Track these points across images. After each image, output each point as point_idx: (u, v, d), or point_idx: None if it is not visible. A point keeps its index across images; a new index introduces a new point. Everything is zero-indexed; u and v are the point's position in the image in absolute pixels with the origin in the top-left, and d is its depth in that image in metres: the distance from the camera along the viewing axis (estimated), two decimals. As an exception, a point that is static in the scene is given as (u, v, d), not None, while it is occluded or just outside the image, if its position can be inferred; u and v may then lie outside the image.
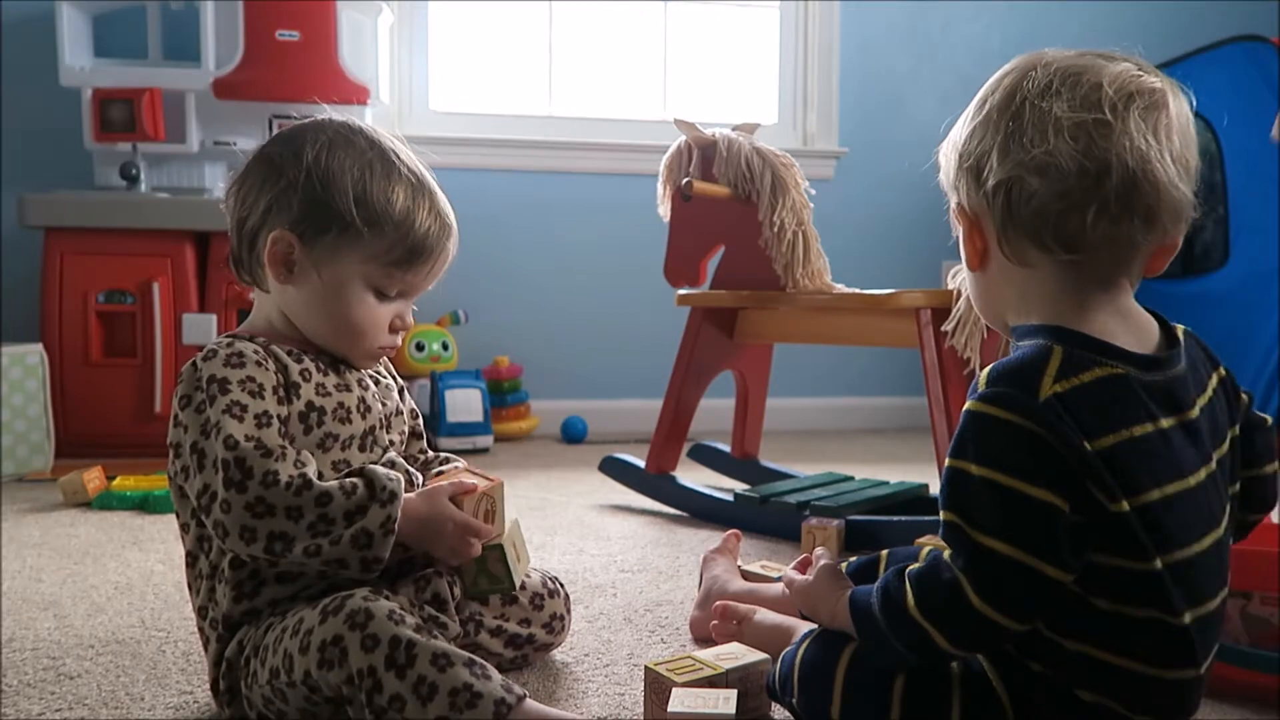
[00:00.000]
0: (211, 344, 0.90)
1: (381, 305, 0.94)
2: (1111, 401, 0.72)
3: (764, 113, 3.10)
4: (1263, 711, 0.94)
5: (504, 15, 3.00)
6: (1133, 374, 0.73)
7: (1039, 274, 0.77)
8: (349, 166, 0.90)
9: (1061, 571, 0.69)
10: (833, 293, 1.78)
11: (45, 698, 0.96)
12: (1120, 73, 0.74)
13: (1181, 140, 0.74)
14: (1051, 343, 0.73)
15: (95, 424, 2.31)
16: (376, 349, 0.96)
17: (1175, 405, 0.74)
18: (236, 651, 0.88)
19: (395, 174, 0.92)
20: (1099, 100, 0.72)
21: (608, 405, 2.98)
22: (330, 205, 0.89)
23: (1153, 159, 0.72)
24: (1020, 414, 0.70)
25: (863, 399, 3.16)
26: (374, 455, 0.95)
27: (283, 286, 0.93)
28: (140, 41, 2.62)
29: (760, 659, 0.94)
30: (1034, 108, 0.74)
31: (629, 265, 2.94)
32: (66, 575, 1.40)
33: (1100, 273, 0.76)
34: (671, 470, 1.94)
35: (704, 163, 1.88)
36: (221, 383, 0.85)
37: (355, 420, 0.93)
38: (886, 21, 3.15)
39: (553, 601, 1.05)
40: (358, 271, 0.91)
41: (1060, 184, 0.72)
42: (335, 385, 0.94)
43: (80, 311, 2.32)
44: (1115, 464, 0.70)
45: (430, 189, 0.95)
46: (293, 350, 0.92)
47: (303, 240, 0.90)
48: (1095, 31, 3.24)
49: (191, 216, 2.38)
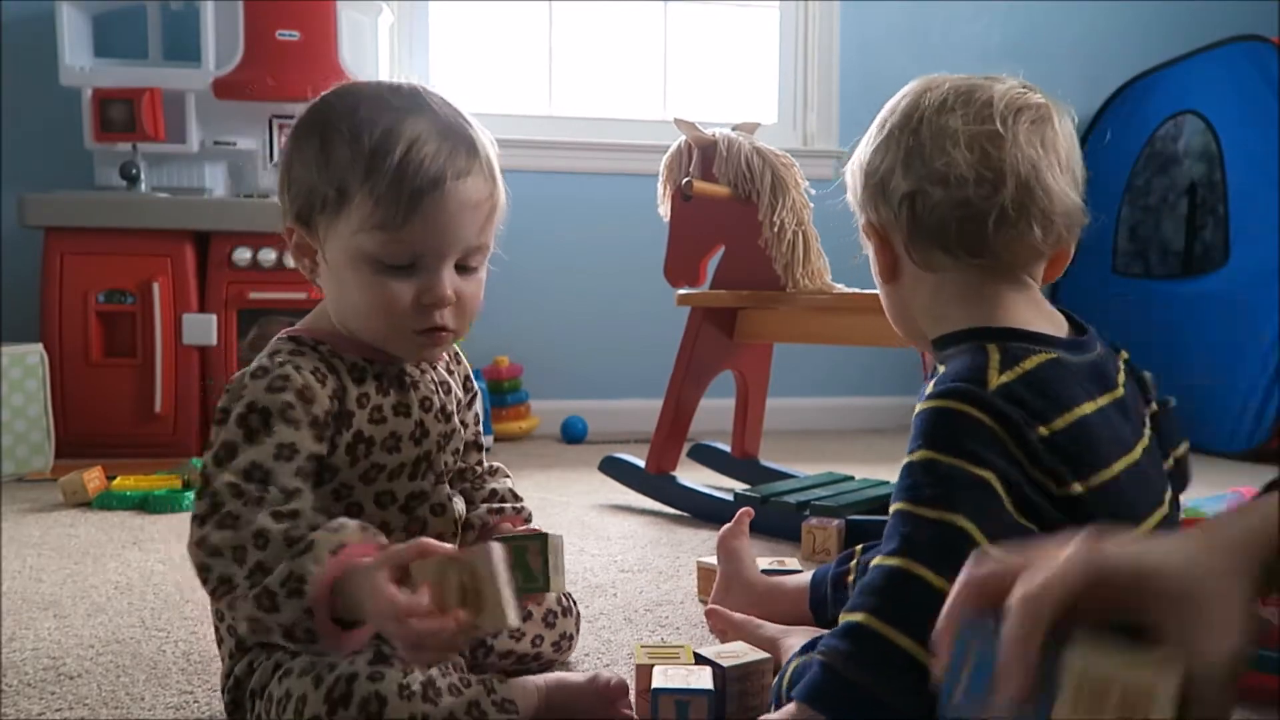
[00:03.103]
0: (266, 355, 0.82)
1: (396, 280, 0.80)
2: (1055, 384, 0.74)
3: (764, 113, 3.10)
4: (1263, 711, 0.94)
5: (504, 15, 3.00)
6: (1064, 357, 0.77)
7: (949, 278, 0.82)
8: (316, 131, 0.81)
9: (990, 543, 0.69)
10: (833, 293, 1.78)
11: (45, 698, 0.96)
12: (1008, 90, 0.80)
13: (1067, 152, 0.80)
14: (983, 342, 0.77)
15: (95, 424, 2.31)
16: (411, 335, 0.83)
17: (1105, 384, 0.78)
18: (246, 671, 0.83)
19: (367, 119, 0.79)
20: (990, 115, 0.78)
21: (608, 405, 2.98)
22: (306, 179, 0.81)
23: (1043, 167, 0.78)
24: (969, 403, 0.72)
25: (863, 399, 3.16)
26: (425, 483, 0.88)
27: (319, 282, 0.85)
28: (140, 41, 2.62)
29: (762, 658, 0.94)
30: (931, 123, 0.80)
31: (629, 265, 2.94)
32: (66, 575, 1.40)
33: (1006, 272, 0.80)
34: (671, 470, 1.94)
35: (704, 163, 1.88)
36: (263, 413, 0.77)
37: (405, 448, 0.85)
38: (886, 21, 3.15)
39: (565, 620, 1.01)
40: (352, 245, 0.79)
41: (960, 192, 0.78)
42: (393, 407, 0.85)
43: (80, 311, 2.32)
44: (1068, 446, 0.72)
45: (424, 114, 0.80)
46: (356, 364, 0.84)
47: (306, 226, 0.83)
48: (1095, 31, 3.24)
49: (191, 216, 2.38)
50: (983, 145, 0.78)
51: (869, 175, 0.85)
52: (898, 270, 0.85)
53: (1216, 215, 2.72)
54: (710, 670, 0.89)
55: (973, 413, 0.72)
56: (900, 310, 0.88)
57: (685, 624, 1.21)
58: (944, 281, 0.82)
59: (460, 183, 0.80)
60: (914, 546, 0.70)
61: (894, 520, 0.73)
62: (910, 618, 0.67)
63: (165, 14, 2.63)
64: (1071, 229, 0.80)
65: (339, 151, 0.79)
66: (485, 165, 0.83)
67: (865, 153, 0.86)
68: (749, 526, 1.22)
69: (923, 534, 0.70)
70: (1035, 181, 0.77)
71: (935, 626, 0.58)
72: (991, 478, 0.70)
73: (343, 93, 0.84)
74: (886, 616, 0.69)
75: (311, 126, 0.82)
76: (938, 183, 0.78)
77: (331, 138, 0.80)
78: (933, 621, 0.58)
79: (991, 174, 0.77)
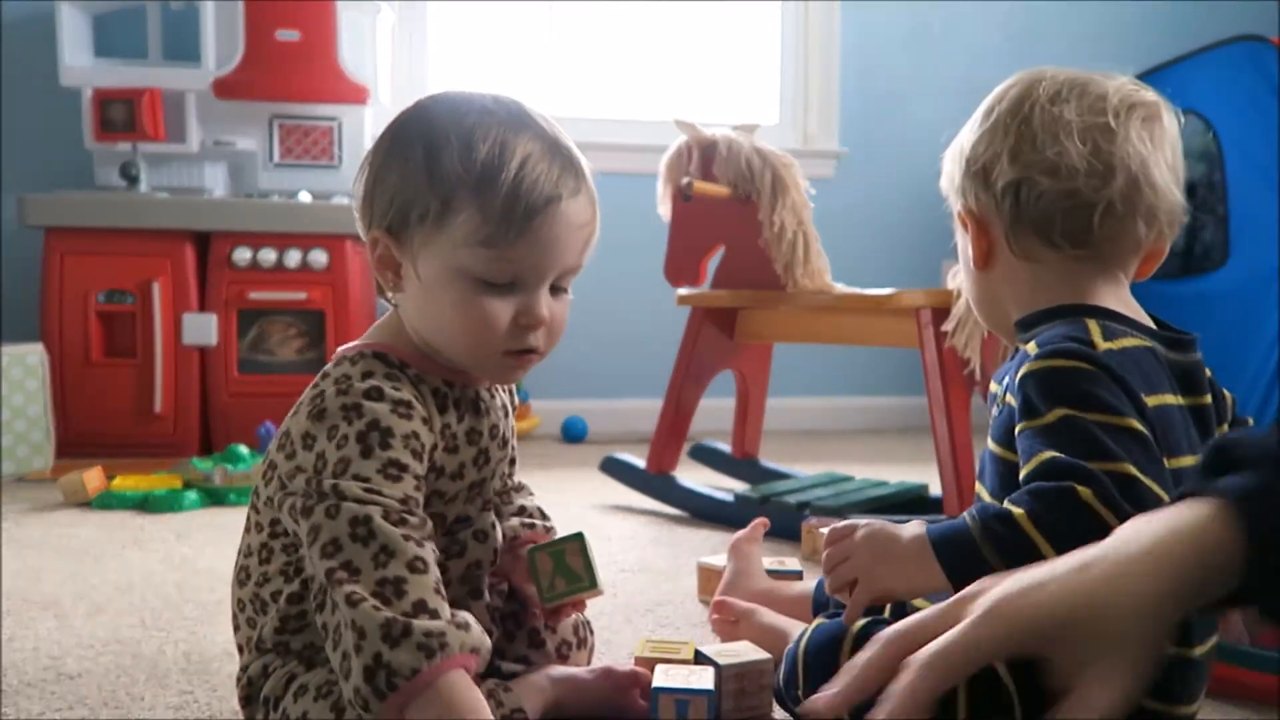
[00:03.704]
0: (364, 374, 0.77)
1: (494, 299, 0.77)
2: (1148, 368, 0.75)
3: (764, 113, 3.10)
4: (1263, 711, 0.94)
5: (504, 15, 3.00)
6: (1158, 349, 0.78)
7: (1046, 268, 0.82)
8: (419, 137, 0.77)
9: (1160, 488, 0.69)
10: (833, 293, 1.78)
11: (45, 698, 0.96)
12: (1121, 85, 0.81)
13: (1173, 150, 0.82)
14: (1080, 317, 0.77)
15: (95, 424, 2.31)
16: (500, 356, 0.79)
17: (1192, 387, 0.78)
18: (260, 672, 0.81)
19: (479, 129, 0.76)
20: (1104, 108, 0.79)
21: (608, 405, 2.98)
22: (405, 188, 0.77)
23: (1151, 164, 0.79)
24: (1086, 361, 0.72)
25: (863, 399, 3.16)
26: (472, 508, 0.85)
27: (403, 296, 0.81)
28: (140, 41, 2.62)
29: (762, 658, 0.93)
30: (1045, 112, 0.80)
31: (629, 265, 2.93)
32: (66, 575, 1.40)
33: (1104, 266, 0.81)
34: (671, 470, 1.94)
35: (704, 163, 1.88)
36: (385, 433, 0.74)
37: (469, 474, 0.83)
38: (886, 21, 3.15)
39: (579, 654, 0.95)
40: (452, 261, 0.76)
41: (1070, 183, 0.78)
42: (466, 435, 0.82)
43: (80, 311, 2.32)
44: (1154, 424, 0.72)
45: (533, 130, 0.78)
46: (438, 389, 0.81)
47: (396, 238, 0.78)
48: (1095, 31, 3.24)
49: (191, 216, 2.38)
50: (1095, 138, 0.78)
51: (970, 162, 0.84)
52: (992, 258, 0.85)
53: (1216, 215, 2.72)
54: (712, 670, 0.89)
55: (1091, 369, 0.72)
56: (989, 297, 0.88)
57: (685, 624, 1.21)
58: (1040, 271, 0.82)
59: (570, 203, 0.78)
60: (1087, 478, 0.68)
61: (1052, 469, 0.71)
62: (1065, 534, 0.66)
63: (165, 14, 2.64)
64: (1172, 225, 0.82)
65: (448, 163, 0.75)
66: (589, 187, 0.81)
67: (968, 139, 0.85)
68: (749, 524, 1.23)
69: (1096, 480, 0.68)
70: (1143, 177, 0.79)
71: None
72: (1135, 423, 0.70)
73: (446, 101, 0.81)
74: (1044, 526, 0.68)
75: (414, 134, 0.78)
76: (1047, 172, 0.79)
77: (439, 147, 0.76)
78: (1081, 544, 0.59)
79: (1102, 166, 0.78)
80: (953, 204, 0.90)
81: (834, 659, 0.78)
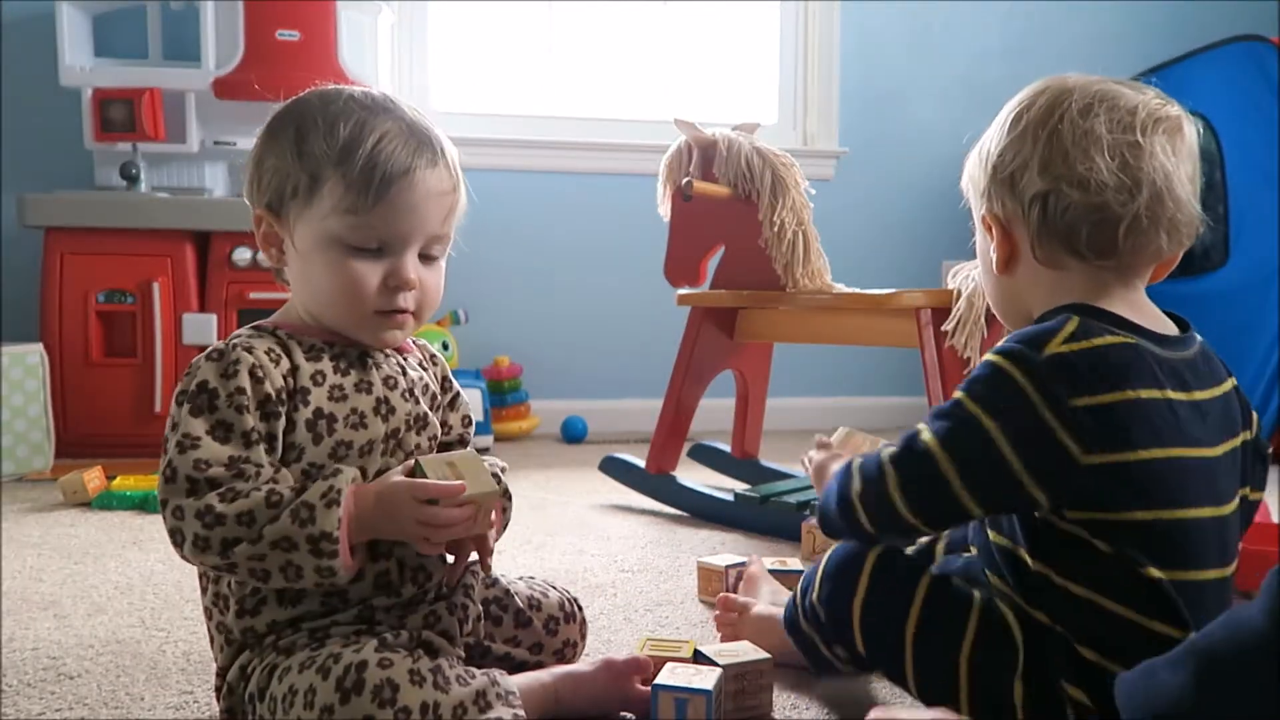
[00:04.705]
0: (221, 342, 0.84)
1: (363, 263, 0.84)
2: (1119, 364, 0.78)
3: (764, 113, 3.10)
4: (1263, 711, 0.94)
5: (504, 15, 3.00)
6: (1143, 345, 0.80)
7: (1069, 275, 0.84)
8: (291, 123, 0.85)
9: (972, 499, 0.78)
10: (833, 293, 1.78)
11: (45, 698, 0.96)
12: (1148, 100, 0.83)
13: (1193, 163, 0.84)
14: (1071, 314, 0.81)
15: (95, 424, 2.31)
16: (372, 316, 0.86)
17: (1183, 383, 0.80)
18: (238, 677, 0.83)
19: (343, 114, 0.84)
20: (1133, 124, 0.81)
21: (608, 405, 2.98)
22: (280, 168, 0.84)
23: (1174, 178, 0.81)
24: (1014, 364, 0.77)
25: (863, 399, 3.16)
26: (394, 460, 0.88)
27: (284, 270, 0.89)
28: (140, 41, 2.62)
29: (762, 658, 0.94)
30: (1075, 125, 0.82)
31: (629, 265, 2.94)
32: (66, 575, 1.40)
33: (1122, 274, 0.84)
34: (671, 470, 1.94)
35: (704, 163, 1.88)
36: (211, 394, 0.80)
37: (373, 424, 0.86)
38: (886, 21, 3.15)
39: (568, 627, 0.99)
40: (322, 229, 0.83)
41: (1098, 197, 0.80)
42: (355, 385, 0.86)
43: (80, 311, 2.32)
44: (1108, 420, 0.76)
45: (393, 114, 0.85)
46: (314, 345, 0.86)
47: (275, 214, 0.86)
48: (1095, 31, 3.24)
49: (191, 216, 2.38)
50: (1124, 153, 0.81)
51: (998, 168, 0.86)
52: (1014, 263, 0.88)
53: (1216, 215, 2.72)
54: (714, 670, 0.89)
55: (1014, 374, 0.77)
56: (1010, 300, 0.91)
57: (685, 624, 1.21)
58: (1061, 277, 0.85)
59: (427, 172, 0.84)
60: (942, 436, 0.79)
61: (927, 418, 0.83)
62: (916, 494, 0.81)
63: (165, 14, 2.64)
64: (1191, 236, 0.84)
65: (314, 142, 0.83)
66: (449, 160, 0.88)
67: (994, 144, 0.87)
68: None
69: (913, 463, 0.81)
70: (1167, 191, 0.81)
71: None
72: (995, 429, 0.76)
73: (316, 93, 0.88)
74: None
75: (286, 120, 0.86)
76: (1076, 185, 0.81)
77: (307, 129, 0.84)
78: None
79: (1130, 181, 0.80)
80: (974, 206, 0.92)
81: (856, 572, 0.86)
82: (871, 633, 0.85)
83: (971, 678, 0.79)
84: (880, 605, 0.84)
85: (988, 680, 0.79)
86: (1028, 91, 0.87)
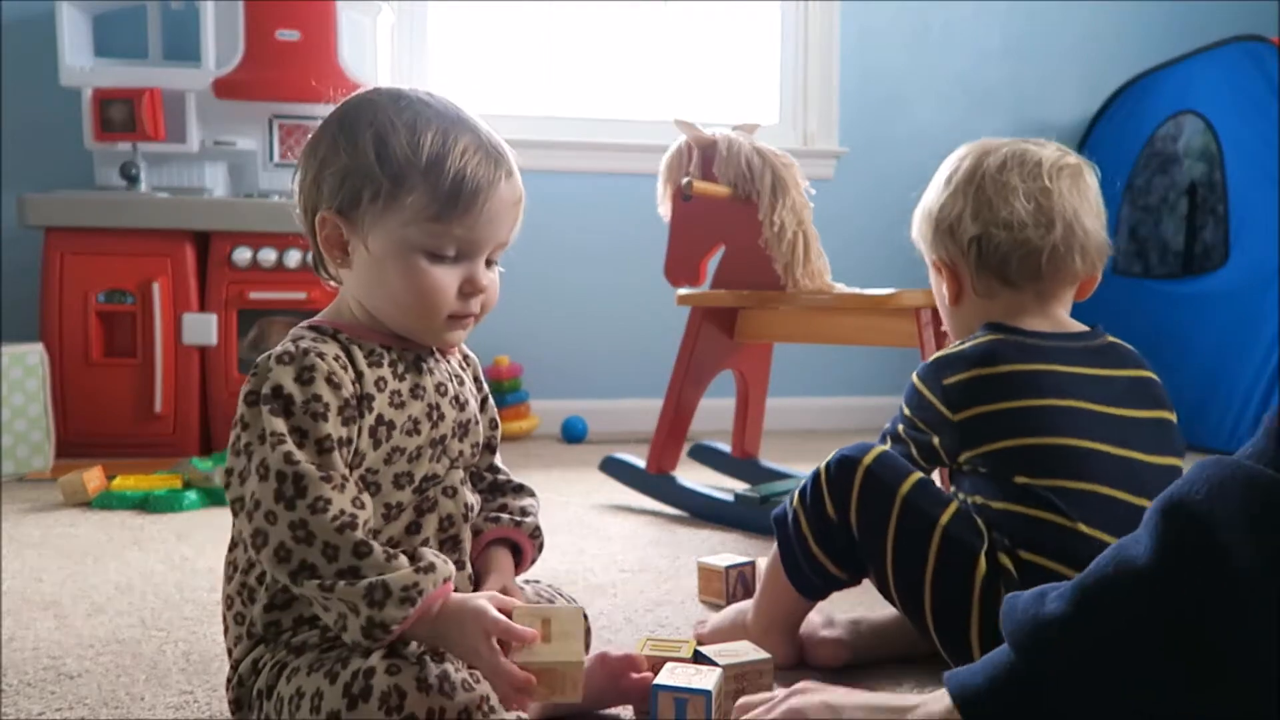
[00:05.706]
0: (290, 341, 0.84)
1: (441, 268, 0.85)
2: (988, 352, 0.98)
3: (764, 113, 3.10)
4: (1263, 711, 0.94)
5: (504, 15, 3.00)
6: (1032, 340, 0.99)
7: (996, 303, 1.05)
8: (366, 125, 0.84)
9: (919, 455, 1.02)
10: (833, 293, 1.78)
11: (45, 698, 0.96)
12: (1050, 153, 1.05)
13: (1096, 199, 1.05)
14: (985, 330, 1.02)
15: (95, 424, 2.31)
16: (444, 320, 0.87)
17: (1081, 360, 0.99)
18: (250, 670, 0.83)
19: (421, 120, 0.84)
20: (1040, 173, 1.03)
21: (608, 405, 2.98)
22: (356, 171, 0.84)
23: (1081, 212, 1.03)
24: (922, 380, 1.02)
25: (863, 399, 3.16)
26: (440, 466, 0.89)
27: (347, 272, 0.88)
28: (140, 41, 2.62)
29: (762, 658, 0.94)
30: (995, 180, 1.03)
31: (629, 265, 2.94)
32: (66, 575, 1.40)
33: (1041, 296, 1.04)
34: (671, 470, 1.94)
35: (704, 163, 1.88)
36: (287, 400, 0.79)
37: (424, 430, 0.87)
38: (886, 21, 3.15)
39: None
40: (402, 236, 0.84)
41: (1021, 233, 1.02)
42: (411, 390, 0.87)
43: (80, 311, 2.32)
44: (967, 389, 0.97)
45: (468, 124, 0.87)
46: (374, 350, 0.86)
47: (345, 216, 0.85)
48: (1095, 31, 3.24)
49: (191, 216, 2.38)
50: (1037, 197, 1.02)
51: (940, 220, 1.07)
52: (962, 296, 1.08)
53: (1216, 215, 2.72)
54: (714, 671, 0.89)
55: (923, 389, 1.02)
56: (961, 329, 1.10)
57: (685, 624, 1.21)
58: (992, 306, 1.05)
59: (504, 185, 0.87)
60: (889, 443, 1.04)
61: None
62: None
63: (165, 14, 2.64)
64: (1102, 258, 1.05)
65: (397, 147, 0.83)
66: (517, 173, 0.90)
67: (934, 201, 1.08)
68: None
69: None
70: (1077, 223, 1.02)
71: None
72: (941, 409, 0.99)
73: (384, 94, 0.88)
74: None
75: (359, 123, 0.85)
76: (1002, 227, 1.02)
77: (387, 134, 0.84)
78: None
79: (1045, 219, 1.01)
80: (924, 254, 1.12)
81: (851, 474, 0.98)
82: (865, 503, 0.98)
83: (940, 550, 0.93)
84: (875, 486, 0.98)
85: (955, 553, 0.93)
86: (954, 155, 1.08)
